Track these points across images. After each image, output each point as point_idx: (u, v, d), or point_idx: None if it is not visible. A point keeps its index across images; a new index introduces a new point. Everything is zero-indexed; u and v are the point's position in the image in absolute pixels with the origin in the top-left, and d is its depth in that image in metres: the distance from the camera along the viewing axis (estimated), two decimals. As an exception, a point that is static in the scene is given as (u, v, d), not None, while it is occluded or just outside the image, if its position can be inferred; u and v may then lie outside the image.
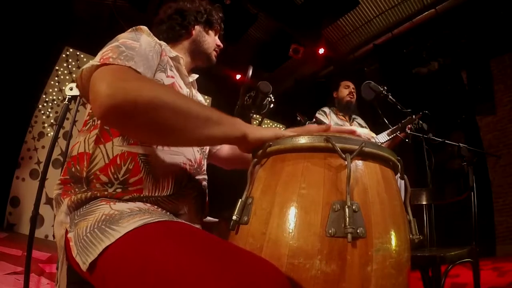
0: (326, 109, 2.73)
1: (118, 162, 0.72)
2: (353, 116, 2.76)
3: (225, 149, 1.13)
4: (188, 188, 0.80)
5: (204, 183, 0.89)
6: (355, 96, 2.72)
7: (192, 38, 1.05)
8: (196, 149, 0.88)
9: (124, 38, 0.76)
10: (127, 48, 0.72)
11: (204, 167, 0.93)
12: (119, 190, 0.71)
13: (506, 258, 3.43)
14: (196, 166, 0.86)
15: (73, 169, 0.74)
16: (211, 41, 1.09)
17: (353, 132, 0.90)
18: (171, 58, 0.92)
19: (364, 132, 2.35)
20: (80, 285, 0.67)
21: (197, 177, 0.85)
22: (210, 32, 1.09)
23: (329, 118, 2.63)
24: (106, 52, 0.69)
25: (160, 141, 0.72)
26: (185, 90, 0.93)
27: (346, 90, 2.75)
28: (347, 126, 2.60)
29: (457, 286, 2.37)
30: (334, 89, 2.82)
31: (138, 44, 0.75)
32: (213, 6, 1.12)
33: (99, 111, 0.58)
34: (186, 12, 1.05)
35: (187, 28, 1.04)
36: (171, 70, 0.89)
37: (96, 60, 0.67)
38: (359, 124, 2.71)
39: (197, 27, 1.06)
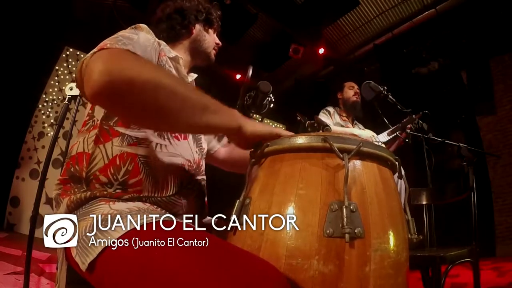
0: (331, 109, 2.72)
1: (118, 163, 0.72)
2: (355, 121, 2.76)
3: (222, 152, 1.12)
4: (187, 189, 0.80)
5: (203, 183, 0.89)
6: (359, 97, 2.72)
7: (193, 37, 1.05)
8: (195, 149, 0.88)
9: (123, 32, 0.77)
10: (125, 38, 0.72)
11: (203, 168, 0.93)
12: (118, 191, 0.71)
13: (506, 258, 3.42)
14: (195, 166, 0.86)
15: (72, 169, 0.74)
16: (211, 39, 1.08)
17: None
18: (170, 58, 0.92)
19: (366, 134, 2.36)
20: (80, 285, 0.67)
21: (196, 177, 0.85)
22: (210, 30, 1.09)
23: (333, 118, 2.62)
24: (104, 42, 0.68)
25: (153, 124, 0.67)
26: None
27: (351, 91, 2.74)
28: (349, 127, 2.59)
29: (457, 286, 2.36)
30: (339, 90, 2.81)
31: (136, 37, 0.76)
32: (211, 4, 1.11)
33: (92, 88, 0.55)
34: (186, 11, 1.04)
35: (187, 27, 1.03)
36: (169, 70, 0.89)
37: (94, 50, 0.65)
38: (359, 128, 2.71)
39: (197, 26, 1.05)
